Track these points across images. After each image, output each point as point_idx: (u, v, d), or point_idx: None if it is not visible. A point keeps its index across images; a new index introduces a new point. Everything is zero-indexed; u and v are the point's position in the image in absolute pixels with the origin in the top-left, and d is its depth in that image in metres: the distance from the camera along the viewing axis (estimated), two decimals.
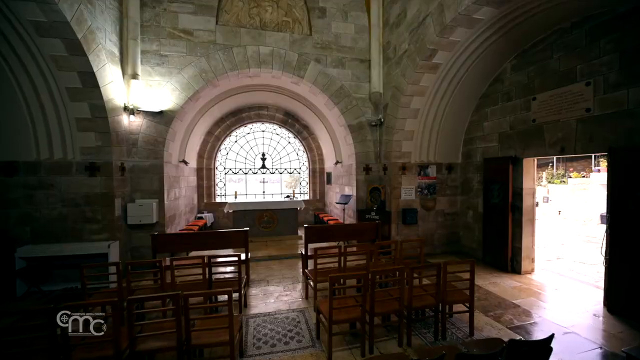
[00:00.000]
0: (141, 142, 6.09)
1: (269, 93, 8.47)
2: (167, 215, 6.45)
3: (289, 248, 7.31)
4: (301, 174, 10.91)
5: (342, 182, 8.25)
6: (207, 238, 4.91)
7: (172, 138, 6.52)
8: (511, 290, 4.78)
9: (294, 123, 10.30)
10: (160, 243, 4.73)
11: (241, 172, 10.37)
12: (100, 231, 5.40)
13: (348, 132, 7.16)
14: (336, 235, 5.35)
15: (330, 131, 8.56)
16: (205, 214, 9.32)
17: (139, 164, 6.08)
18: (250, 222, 8.05)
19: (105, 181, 5.40)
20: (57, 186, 5.26)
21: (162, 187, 6.21)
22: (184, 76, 6.24)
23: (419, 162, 6.79)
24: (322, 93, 7.00)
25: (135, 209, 5.80)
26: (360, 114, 7.08)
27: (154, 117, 6.13)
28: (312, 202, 10.49)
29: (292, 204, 8.32)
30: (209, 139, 9.69)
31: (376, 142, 7.14)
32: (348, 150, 7.57)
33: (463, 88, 6.17)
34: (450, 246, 6.97)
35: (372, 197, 7.01)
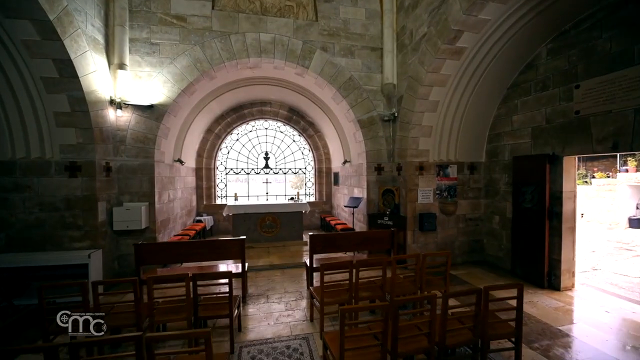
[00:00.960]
0: (129, 140, 5.51)
1: (272, 87, 7.85)
2: (159, 220, 5.88)
3: (293, 256, 6.66)
4: (306, 174, 10.26)
5: (351, 183, 7.57)
6: (199, 248, 4.30)
7: (164, 135, 5.94)
8: (553, 313, 4.04)
9: (298, 120, 9.66)
10: (144, 253, 4.14)
11: (243, 172, 9.78)
12: (81, 238, 4.84)
13: (358, 128, 6.48)
14: (345, 244, 4.68)
15: (337, 128, 7.89)
16: (204, 217, 8.75)
17: (127, 163, 5.51)
18: (251, 227, 7.44)
19: (87, 182, 4.84)
20: (35, 188, 4.72)
21: (153, 189, 5.63)
22: (177, 66, 5.65)
23: (438, 161, 6.07)
24: (329, 85, 6.34)
25: (121, 214, 5.23)
26: (371, 108, 6.39)
27: (143, 111, 5.56)
28: (318, 204, 9.84)
29: (296, 206, 7.68)
30: (209, 137, 9.12)
31: (389, 139, 6.44)
32: (358, 148, 6.89)
33: (489, 77, 5.43)
34: (473, 255, 6.23)
35: (385, 200, 6.32)
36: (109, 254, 5.18)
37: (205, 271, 4.38)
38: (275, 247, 7.33)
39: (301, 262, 6.23)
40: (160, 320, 3.06)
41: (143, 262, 4.17)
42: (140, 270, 4.14)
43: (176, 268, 4.54)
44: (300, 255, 6.79)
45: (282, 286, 5.06)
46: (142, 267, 4.18)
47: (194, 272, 4.38)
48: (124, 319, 3.00)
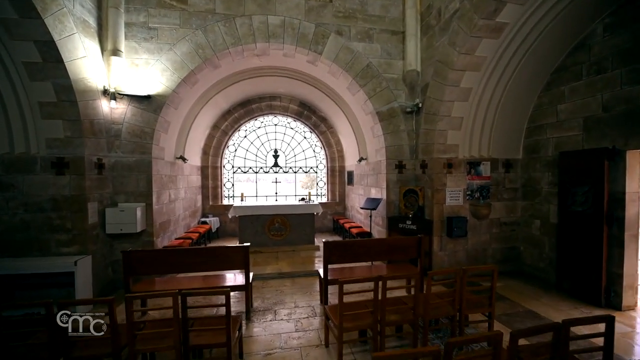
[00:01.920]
0: (125, 134, 5.01)
1: (281, 79, 7.26)
2: (158, 222, 5.36)
3: (304, 262, 6.05)
4: (318, 173, 9.64)
5: (368, 183, 6.90)
6: (197, 257, 3.73)
7: (163, 129, 5.42)
8: (624, 342, 3.28)
9: (310, 115, 9.04)
10: (134, 262, 3.60)
11: (251, 171, 9.24)
12: (69, 243, 4.36)
13: (376, 120, 5.81)
14: (365, 253, 4.02)
15: (353, 122, 7.23)
16: (210, 218, 8.24)
17: (122, 160, 5.01)
18: (258, 229, 6.87)
19: (76, 181, 4.35)
20: (19, 187, 4.25)
21: (151, 189, 5.12)
22: (177, 53, 5.12)
23: (469, 157, 5.34)
24: (344, 73, 5.70)
25: (114, 215, 4.73)
26: (391, 99, 5.72)
27: (140, 102, 5.05)
28: (331, 205, 9.20)
29: (307, 208, 7.07)
30: (215, 133, 8.61)
31: (411, 133, 5.75)
32: (376, 144, 6.22)
33: (532, 59, 4.69)
34: (507, 264, 5.48)
35: (407, 201, 5.63)
36: (101, 259, 4.68)
37: (206, 283, 3.82)
38: (285, 252, 6.74)
39: (313, 269, 5.61)
40: (143, 349, 2.50)
41: (133, 271, 3.64)
42: (129, 281, 3.61)
43: (174, 278, 3.99)
44: (312, 261, 6.17)
45: (291, 299, 4.45)
46: (132, 277, 3.64)
47: (192, 283, 3.83)
48: (97, 347, 2.44)
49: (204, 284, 3.81)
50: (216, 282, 3.89)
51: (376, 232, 6.26)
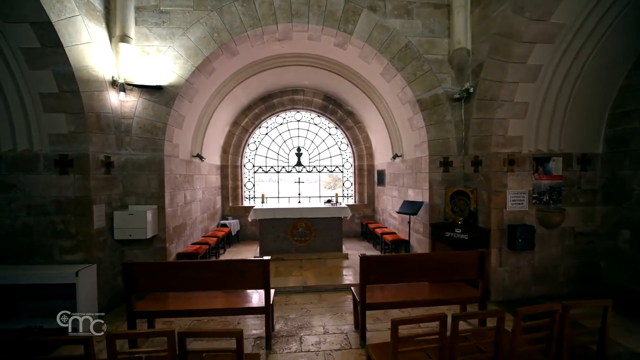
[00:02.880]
0: (136, 129, 4.55)
1: (305, 68, 6.58)
2: (171, 226, 4.86)
3: (331, 273, 5.32)
4: (344, 172, 8.88)
5: (403, 183, 6.05)
6: (209, 271, 3.11)
7: (177, 124, 4.91)
8: None
9: (335, 109, 8.30)
10: (137, 277, 3.05)
11: (273, 170, 8.66)
12: (73, 250, 3.92)
13: (416, 110, 4.96)
14: (413, 272, 3.21)
15: (385, 115, 6.41)
16: (229, 221, 7.74)
17: (132, 158, 4.55)
18: (280, 234, 6.24)
19: (80, 181, 3.91)
20: (21, 187, 3.88)
21: (163, 189, 4.62)
22: (190, 38, 4.58)
23: (535, 152, 4.37)
24: (378, 56, 4.91)
25: (123, 219, 4.26)
26: (434, 84, 4.85)
27: (151, 94, 4.56)
28: (358, 207, 8.41)
29: (334, 211, 6.33)
30: (235, 130, 8.11)
31: (459, 125, 4.85)
32: (415, 138, 5.37)
33: (622, 27, 3.67)
34: (584, 284, 4.44)
35: (455, 205, 4.74)
36: (109, 268, 4.23)
37: (220, 301, 3.20)
38: (309, 260, 6.05)
39: (342, 283, 4.88)
40: None
41: (136, 288, 3.09)
42: (132, 299, 3.06)
43: (185, 296, 3.41)
44: (340, 272, 5.43)
45: (319, 321, 3.74)
46: (135, 294, 3.10)
47: (206, 302, 3.23)
48: None
49: (218, 302, 3.19)
50: (232, 301, 3.26)
51: (415, 240, 5.41)
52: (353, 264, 5.84)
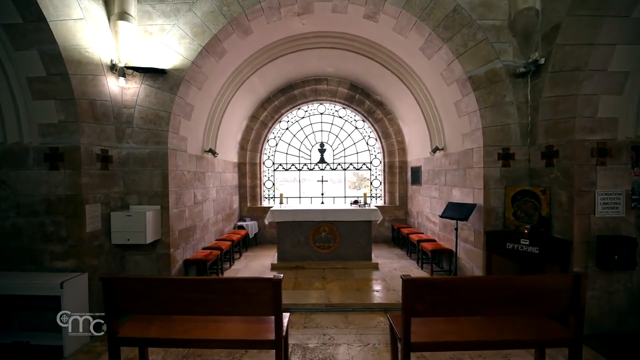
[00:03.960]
0: (137, 119, 4.03)
1: (328, 52, 5.81)
2: (177, 229, 4.30)
3: (360, 288, 4.50)
4: (372, 170, 8.00)
5: (447, 181, 5.08)
6: (207, 292, 2.42)
7: (184, 114, 4.34)
8: None
9: (362, 99, 7.45)
10: (119, 296, 2.44)
11: (294, 168, 7.98)
12: (64, 256, 3.43)
13: (467, 90, 4.02)
14: (477, 301, 2.32)
15: (422, 101, 5.47)
16: (247, 222, 7.16)
17: (134, 151, 4.03)
18: (301, 239, 5.52)
19: (71, 177, 3.41)
20: (11, 184, 3.46)
21: (166, 187, 4.06)
22: (197, 14, 3.98)
23: (635, 139, 3.28)
24: (418, 26, 4.03)
25: (120, 222, 3.73)
26: (491, 56, 3.87)
27: (154, 80, 4.02)
28: (388, 209, 7.49)
29: (363, 213, 5.50)
30: (253, 125, 7.52)
31: (524, 106, 3.84)
32: (463, 126, 4.41)
33: None
34: None
35: (520, 209, 3.74)
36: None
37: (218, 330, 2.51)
38: (333, 270, 5.27)
39: (373, 302, 4.05)
40: None
41: (118, 310, 2.48)
42: (114, 323, 2.46)
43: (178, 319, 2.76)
44: (369, 286, 4.60)
45: (346, 355, 2.95)
46: (118, 317, 2.49)
47: (202, 330, 2.56)
48: None
49: (218, 330, 2.51)
50: (235, 329, 2.56)
51: (463, 251, 4.44)
52: (385, 276, 4.98)
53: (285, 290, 4.45)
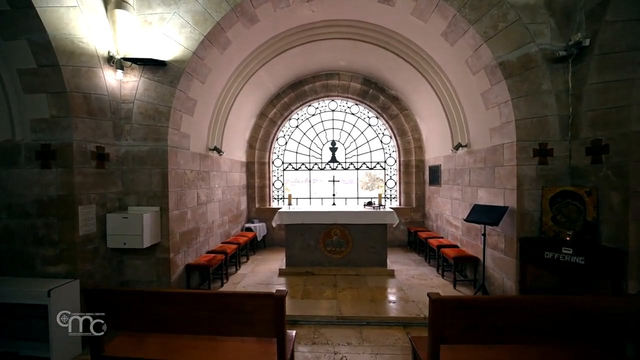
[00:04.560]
0: (136, 115, 3.78)
1: (340, 43, 5.45)
2: (178, 232, 4.04)
3: (374, 298, 4.10)
4: (386, 169, 7.57)
5: (470, 182, 4.62)
6: (200, 308, 2.11)
7: (185, 108, 4.08)
8: None
9: (376, 95, 7.05)
10: (101, 310, 2.15)
11: (304, 168, 7.65)
12: (56, 260, 3.21)
13: (497, 78, 3.57)
14: (515, 326, 1.90)
15: (443, 94, 5.02)
16: (255, 224, 6.88)
17: (133, 149, 3.80)
18: (310, 243, 5.18)
19: (63, 176, 3.19)
20: (3, 184, 3.26)
21: (166, 188, 3.79)
22: (198, 0, 3.70)
23: None
24: (440, 8, 3.62)
25: (117, 224, 3.48)
26: (525, 39, 3.41)
27: (153, 73, 3.76)
28: (404, 211, 7.04)
29: (377, 216, 5.10)
30: (262, 123, 7.24)
31: (563, 95, 3.36)
32: (491, 119, 3.95)
33: None
34: None
35: (560, 213, 3.26)
36: (100, 283, 3.48)
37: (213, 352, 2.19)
38: (345, 277, 4.89)
39: (389, 315, 3.65)
40: None
41: (110, 324, 2.20)
42: (98, 340, 2.18)
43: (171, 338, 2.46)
44: (384, 296, 4.20)
45: None
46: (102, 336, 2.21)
47: (194, 350, 2.25)
48: None
49: (210, 353, 2.19)
50: (233, 349, 2.24)
51: (491, 259, 3.97)
52: (402, 285, 4.57)
53: (293, 299, 4.11)
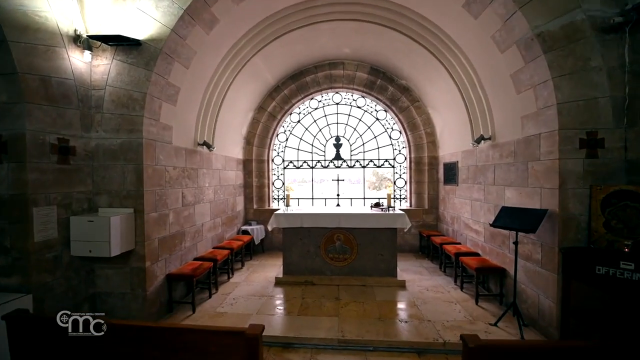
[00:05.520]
0: (108, 103, 3.30)
1: (345, 26, 4.88)
2: (158, 237, 3.53)
3: (383, 316, 3.52)
4: (395, 167, 6.96)
5: (495, 180, 3.99)
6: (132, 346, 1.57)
7: (165, 96, 3.57)
8: None
9: (385, 85, 6.45)
10: (23, 344, 1.64)
11: (306, 166, 7.10)
12: (8, 271, 2.73)
13: (534, 53, 2.94)
14: None
15: (461, 79, 4.40)
16: (253, 226, 6.37)
17: (105, 142, 3.31)
18: (310, 249, 4.63)
19: (15, 173, 2.71)
20: None
21: (141, 186, 3.29)
22: None
23: None
24: None
25: (81, 228, 2.99)
26: (568, 4, 2.78)
27: (127, 54, 3.27)
28: (415, 213, 6.42)
29: (386, 219, 4.51)
30: (260, 117, 6.72)
31: (617, 72, 2.72)
32: (523, 105, 3.32)
33: None
34: None
35: (615, 217, 2.63)
36: (65, 298, 3.00)
37: None
38: (350, 288, 4.32)
39: (401, 340, 3.05)
40: None
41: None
42: None
43: None
44: (395, 314, 3.61)
45: None
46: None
47: None
48: None
49: None
50: None
51: (524, 271, 3.34)
52: (415, 298, 3.97)
53: (289, 315, 3.57)
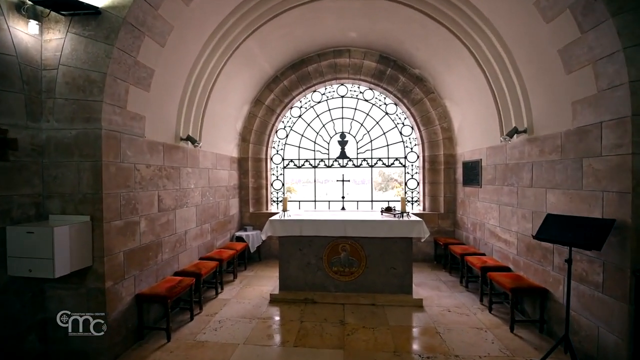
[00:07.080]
0: (61, 86, 2.69)
1: (350, 4, 4.23)
2: (124, 250, 2.91)
3: (399, 348, 2.85)
4: (407, 167, 6.29)
5: (533, 181, 3.29)
6: None
7: (134, 79, 2.95)
8: None
9: (396, 75, 5.78)
10: None
11: (308, 165, 6.47)
12: None
13: (597, 18, 2.26)
14: None
15: (488, 62, 3.72)
16: (248, 232, 5.74)
17: (57, 134, 2.71)
18: (311, 261, 3.98)
19: None
20: None
21: (100, 189, 2.67)
22: None
23: None
24: None
25: (19, 242, 2.38)
26: None
27: (84, 25, 2.66)
28: (430, 218, 5.73)
29: (400, 227, 3.84)
30: (257, 111, 6.10)
31: None
32: (576, 87, 2.63)
33: None
34: None
35: None
36: (7, 324, 2.39)
37: None
38: (357, 309, 3.66)
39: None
40: None
41: None
42: None
43: None
44: (409, 343, 2.94)
45: None
46: None
47: None
48: None
49: None
50: None
51: (577, 296, 2.64)
52: (435, 323, 3.30)
53: (283, 346, 2.92)
